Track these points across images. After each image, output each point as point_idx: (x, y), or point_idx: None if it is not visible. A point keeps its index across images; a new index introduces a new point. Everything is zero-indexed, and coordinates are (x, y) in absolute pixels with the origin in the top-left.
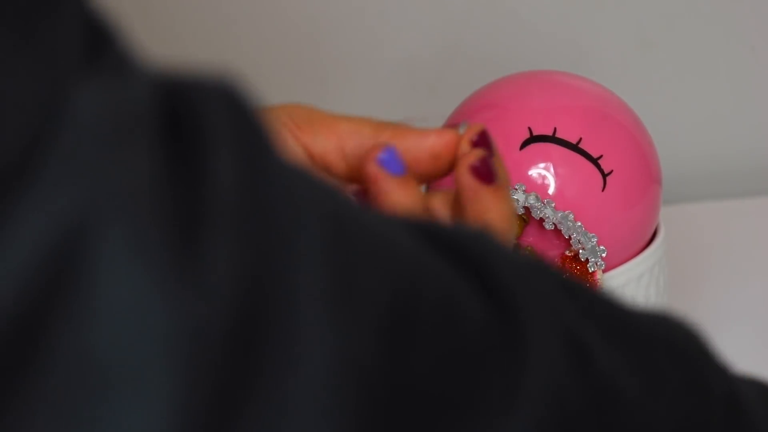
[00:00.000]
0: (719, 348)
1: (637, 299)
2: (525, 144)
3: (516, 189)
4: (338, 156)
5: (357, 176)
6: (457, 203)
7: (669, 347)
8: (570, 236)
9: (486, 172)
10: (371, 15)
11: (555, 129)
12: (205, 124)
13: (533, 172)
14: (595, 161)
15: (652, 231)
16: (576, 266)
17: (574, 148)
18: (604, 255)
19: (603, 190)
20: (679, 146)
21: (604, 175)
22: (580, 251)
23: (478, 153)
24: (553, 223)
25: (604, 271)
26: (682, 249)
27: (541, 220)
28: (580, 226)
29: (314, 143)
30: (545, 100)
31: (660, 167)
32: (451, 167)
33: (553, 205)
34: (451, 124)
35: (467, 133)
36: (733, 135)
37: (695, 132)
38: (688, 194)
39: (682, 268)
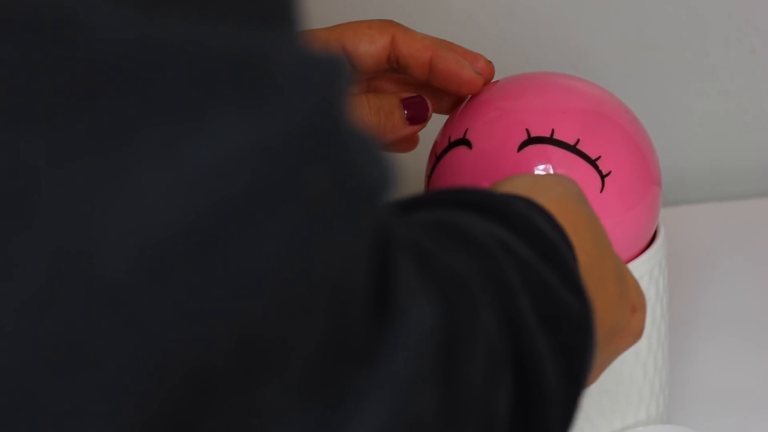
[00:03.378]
0: (718, 348)
1: None
2: (523, 145)
3: None
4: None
5: None
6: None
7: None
8: None
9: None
10: (372, 17)
11: (553, 130)
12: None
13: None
14: (593, 162)
15: (651, 232)
16: None
17: (572, 149)
18: None
19: (601, 192)
20: (679, 148)
21: (603, 177)
22: None
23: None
24: None
25: None
26: (682, 250)
27: None
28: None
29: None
30: (543, 102)
31: (659, 168)
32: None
33: None
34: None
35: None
36: (733, 137)
37: (695, 134)
38: (688, 196)
39: (682, 270)
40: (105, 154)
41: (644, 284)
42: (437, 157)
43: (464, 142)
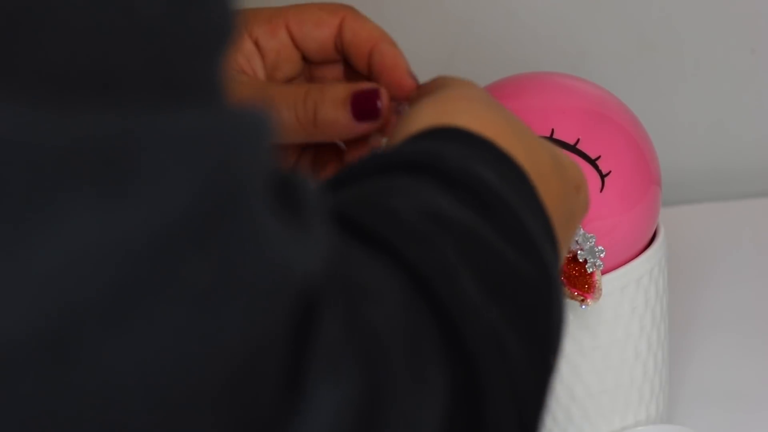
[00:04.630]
0: (718, 348)
1: (636, 301)
2: None
3: None
4: None
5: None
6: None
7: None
8: None
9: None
10: (371, 17)
11: (553, 130)
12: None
13: None
14: (593, 162)
15: (651, 232)
16: (574, 267)
17: (572, 149)
18: (602, 255)
19: (601, 191)
20: (679, 148)
21: (603, 176)
22: (578, 252)
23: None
24: None
25: (603, 273)
26: (681, 250)
27: None
28: (578, 226)
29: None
30: (543, 101)
31: (659, 168)
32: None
33: None
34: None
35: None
36: (732, 136)
37: (695, 133)
38: (688, 196)
39: (682, 270)
40: None
41: (644, 284)
42: None
43: None
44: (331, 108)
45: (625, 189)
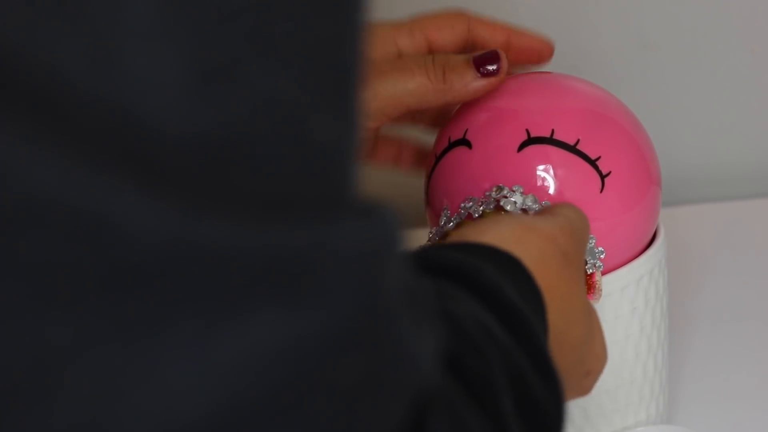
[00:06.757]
0: (718, 348)
1: (636, 302)
2: (523, 146)
3: (514, 191)
4: None
5: None
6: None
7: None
8: None
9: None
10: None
11: (553, 131)
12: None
13: (531, 174)
14: (593, 162)
15: (651, 233)
16: None
17: (572, 149)
18: (602, 256)
19: (601, 192)
20: (679, 148)
21: (603, 177)
22: None
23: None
24: None
25: (603, 274)
26: (682, 250)
27: None
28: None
29: None
30: (543, 102)
31: (659, 169)
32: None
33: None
34: None
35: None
36: (732, 137)
37: (695, 134)
38: (688, 196)
39: (682, 270)
40: (132, 340)
41: (644, 284)
42: (437, 157)
43: (464, 142)
44: (458, 66)
45: (625, 189)
